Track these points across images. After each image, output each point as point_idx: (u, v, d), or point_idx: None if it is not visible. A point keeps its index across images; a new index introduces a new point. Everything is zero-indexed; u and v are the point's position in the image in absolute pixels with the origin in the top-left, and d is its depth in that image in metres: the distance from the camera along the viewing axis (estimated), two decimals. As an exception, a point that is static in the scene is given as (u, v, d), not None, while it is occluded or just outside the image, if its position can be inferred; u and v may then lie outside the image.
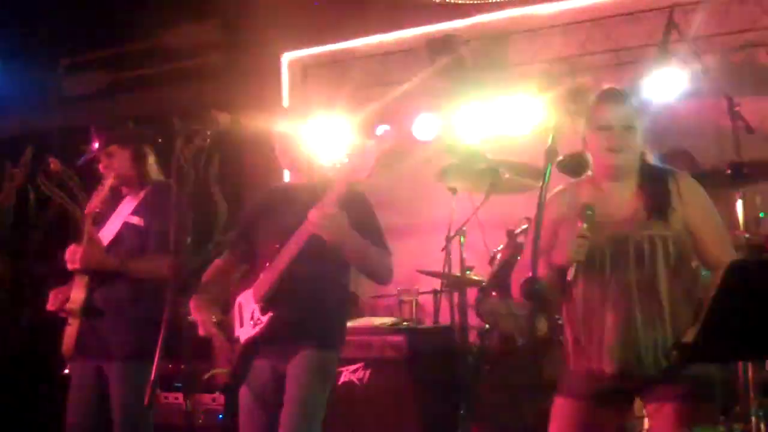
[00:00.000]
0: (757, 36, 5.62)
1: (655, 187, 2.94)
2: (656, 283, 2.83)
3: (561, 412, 3.00)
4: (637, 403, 3.13)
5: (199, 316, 3.48)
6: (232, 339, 3.47)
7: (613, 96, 3.00)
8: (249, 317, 3.43)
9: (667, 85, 5.16)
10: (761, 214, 4.98)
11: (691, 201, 2.92)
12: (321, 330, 3.40)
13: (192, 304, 3.51)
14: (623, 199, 2.96)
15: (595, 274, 2.89)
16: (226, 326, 3.49)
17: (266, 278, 3.39)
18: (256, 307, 3.40)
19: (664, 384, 2.82)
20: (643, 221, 2.89)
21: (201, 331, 3.46)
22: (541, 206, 2.86)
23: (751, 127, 5.34)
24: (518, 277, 3.03)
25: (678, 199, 2.90)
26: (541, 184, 2.90)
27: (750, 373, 4.68)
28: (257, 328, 3.38)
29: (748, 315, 2.38)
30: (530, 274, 2.81)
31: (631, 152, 2.94)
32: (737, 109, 5.13)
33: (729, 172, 4.81)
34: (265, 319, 3.36)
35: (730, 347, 2.50)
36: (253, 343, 3.41)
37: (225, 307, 3.57)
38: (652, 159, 3.06)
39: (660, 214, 2.88)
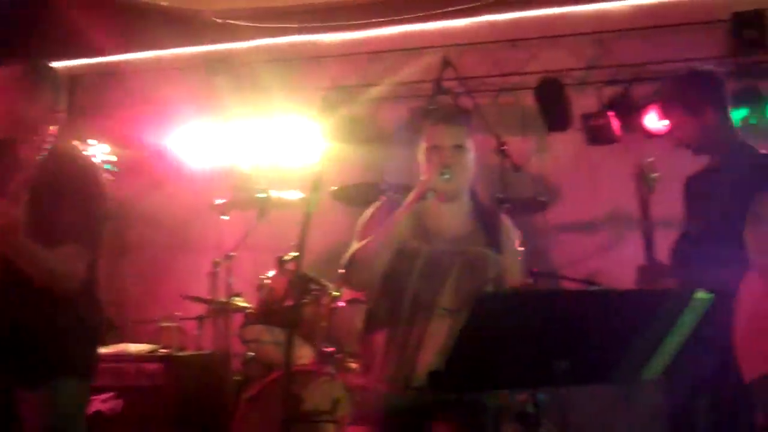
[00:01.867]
0: (524, 80, 5.90)
1: (489, 220, 3.06)
2: None
3: None
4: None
5: None
6: None
7: (444, 115, 3.10)
8: None
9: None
10: (521, 248, 5.17)
11: (509, 243, 3.08)
12: (45, 354, 2.87)
13: None
14: (457, 218, 3.04)
15: (431, 280, 2.93)
16: None
17: None
18: None
19: (448, 406, 2.86)
20: (476, 240, 3.00)
21: None
22: (303, 234, 2.82)
23: (516, 165, 5.59)
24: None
25: (505, 238, 3.05)
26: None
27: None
28: None
29: (494, 345, 2.41)
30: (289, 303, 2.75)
31: (462, 171, 2.98)
32: (504, 148, 5.34)
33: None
34: None
35: (476, 376, 2.52)
36: None
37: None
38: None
39: (494, 243, 3.01)
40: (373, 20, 6.03)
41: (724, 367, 3.02)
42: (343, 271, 3.02)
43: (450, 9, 5.90)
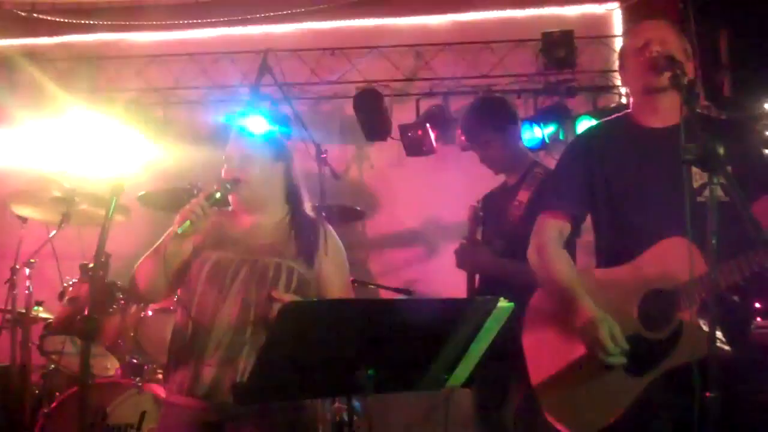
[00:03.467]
0: (344, 88, 5.92)
1: (306, 231, 2.97)
2: (270, 310, 2.79)
3: None
4: None
5: None
6: None
7: (236, 129, 3.03)
8: None
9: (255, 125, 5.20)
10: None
11: (331, 256, 2.98)
12: None
13: None
14: (261, 227, 2.96)
15: (216, 287, 2.84)
16: None
17: None
18: None
19: (244, 418, 2.76)
20: (284, 249, 2.90)
21: None
22: (103, 240, 2.69)
23: (336, 173, 5.58)
24: None
25: (323, 252, 2.96)
26: (114, 217, 2.73)
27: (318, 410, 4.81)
28: None
29: (300, 355, 2.36)
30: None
31: (252, 182, 2.90)
32: (324, 156, 5.31)
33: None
34: None
35: (283, 386, 2.47)
36: None
37: None
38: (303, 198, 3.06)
39: (306, 253, 2.92)
40: (190, 21, 5.88)
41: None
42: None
43: (271, 14, 5.84)
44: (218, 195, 2.84)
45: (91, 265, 4.50)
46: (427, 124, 5.78)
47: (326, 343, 2.35)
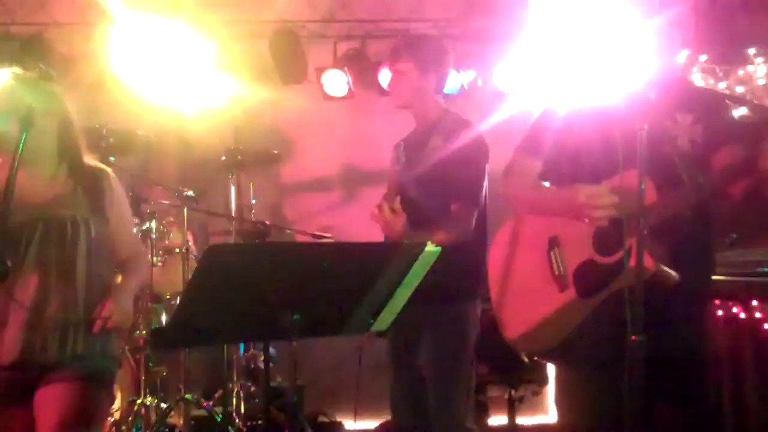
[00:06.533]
0: (259, 28, 5.72)
1: (90, 182, 2.89)
2: (74, 266, 2.77)
3: None
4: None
5: None
6: None
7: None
8: None
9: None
10: (253, 201, 5.10)
11: (117, 207, 2.94)
12: None
13: None
14: (45, 182, 2.82)
15: (13, 252, 2.69)
16: None
17: None
18: None
19: (61, 370, 2.71)
20: (68, 203, 2.82)
21: None
22: (12, 177, 2.54)
23: (250, 116, 5.46)
24: None
25: (110, 197, 2.90)
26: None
27: (232, 357, 4.77)
28: None
29: (222, 298, 2.30)
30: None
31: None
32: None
33: (224, 159, 4.86)
34: None
35: (205, 331, 2.41)
36: None
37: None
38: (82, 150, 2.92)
39: (96, 206, 2.86)
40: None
41: (452, 320, 3.08)
42: None
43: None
44: None
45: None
46: (345, 68, 5.69)
47: (251, 287, 2.30)
